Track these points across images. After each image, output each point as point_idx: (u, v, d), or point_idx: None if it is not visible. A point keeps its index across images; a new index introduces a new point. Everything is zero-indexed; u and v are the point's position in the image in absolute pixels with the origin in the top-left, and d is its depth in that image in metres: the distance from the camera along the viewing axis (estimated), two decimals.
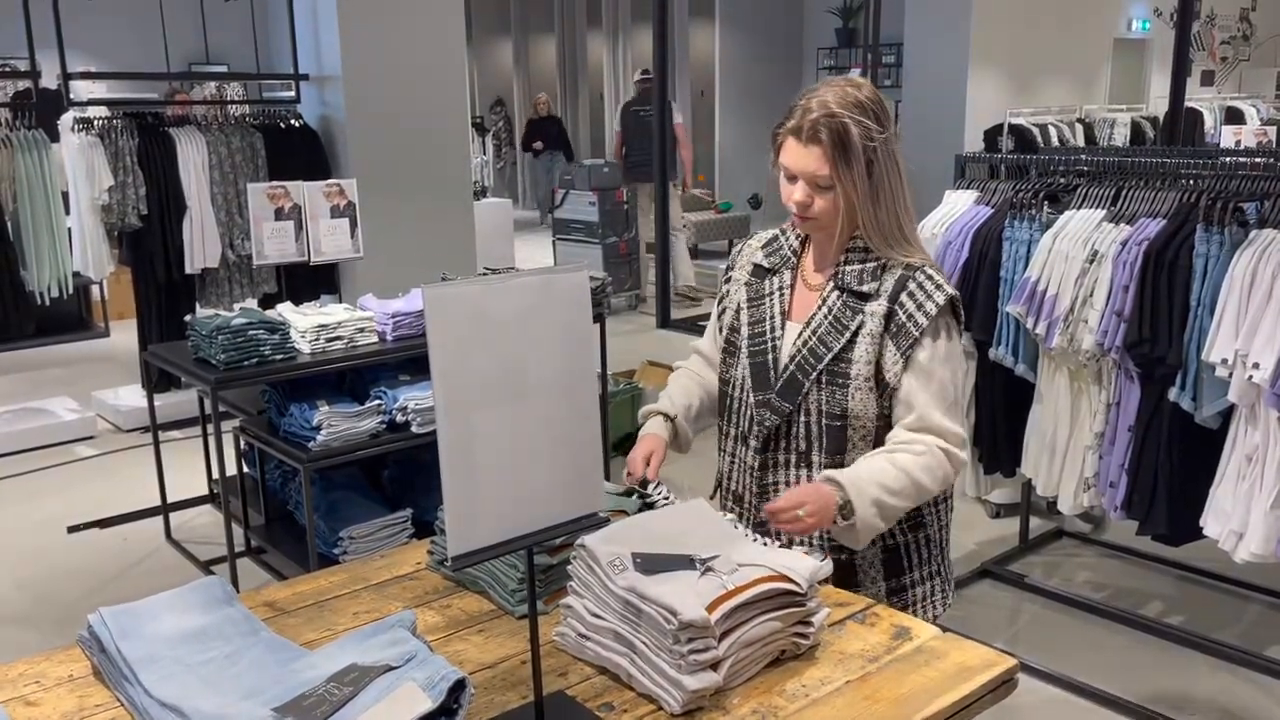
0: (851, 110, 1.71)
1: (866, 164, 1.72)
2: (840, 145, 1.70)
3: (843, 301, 1.78)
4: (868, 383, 1.75)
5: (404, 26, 5.52)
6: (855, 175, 1.72)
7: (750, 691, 1.38)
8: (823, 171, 1.72)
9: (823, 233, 1.82)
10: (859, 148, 1.71)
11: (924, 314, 1.73)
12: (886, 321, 1.75)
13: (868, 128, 1.71)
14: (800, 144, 1.74)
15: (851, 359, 1.75)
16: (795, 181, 1.77)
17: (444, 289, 1.20)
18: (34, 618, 3.64)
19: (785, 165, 1.78)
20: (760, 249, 1.94)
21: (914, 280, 1.75)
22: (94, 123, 5.03)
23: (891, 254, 1.78)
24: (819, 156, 1.72)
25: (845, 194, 1.73)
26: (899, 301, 1.75)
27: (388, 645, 1.34)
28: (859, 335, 1.75)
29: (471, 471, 1.22)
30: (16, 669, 1.48)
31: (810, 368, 1.78)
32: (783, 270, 1.89)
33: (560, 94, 14.79)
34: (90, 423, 5.53)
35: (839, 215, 1.76)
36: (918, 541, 1.87)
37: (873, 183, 1.73)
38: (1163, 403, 2.73)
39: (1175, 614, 3.49)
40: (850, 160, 1.71)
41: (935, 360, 1.74)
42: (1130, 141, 7.61)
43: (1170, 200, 2.80)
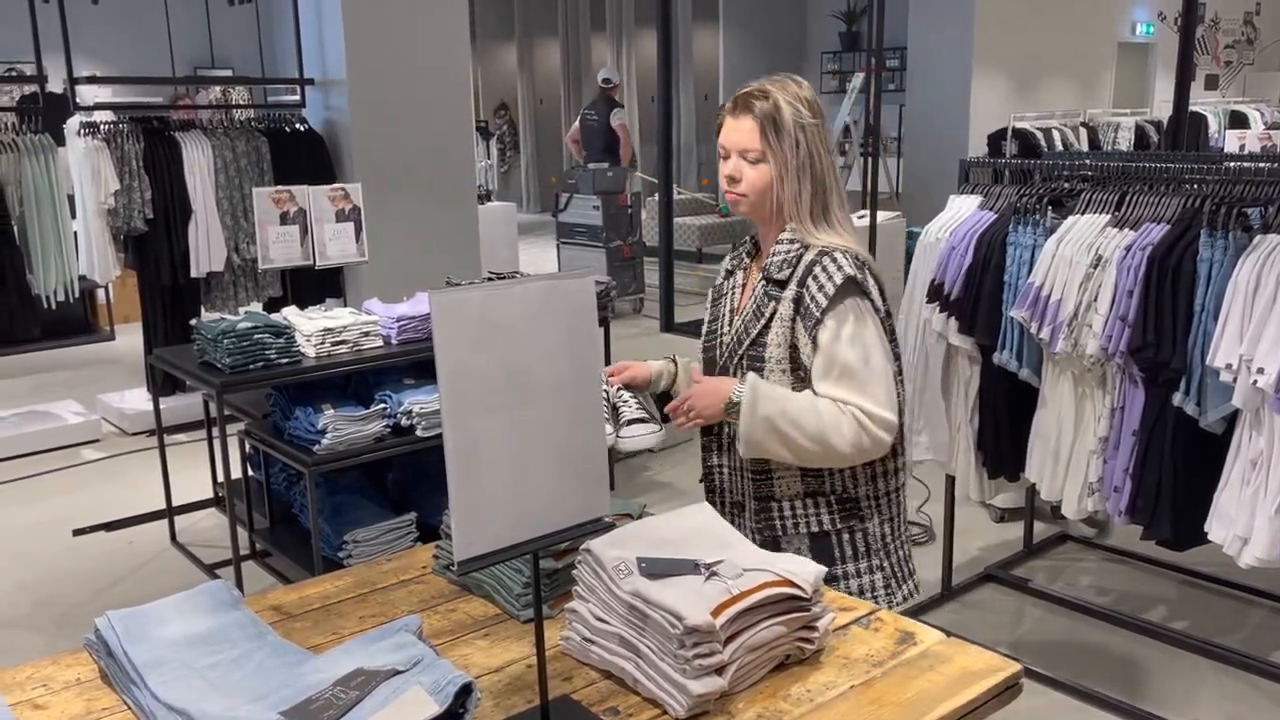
0: (785, 94, 1.82)
1: (794, 142, 1.80)
2: (770, 120, 1.80)
3: (765, 290, 1.85)
4: (780, 365, 1.82)
5: (408, 30, 5.53)
6: (785, 149, 1.80)
7: (755, 696, 1.38)
8: (753, 143, 1.81)
9: (756, 215, 1.88)
10: (789, 124, 1.79)
11: (824, 294, 1.77)
12: (796, 305, 1.81)
13: (799, 110, 1.80)
14: (733, 118, 1.84)
15: (766, 343, 1.83)
16: (729, 158, 1.86)
17: (450, 295, 1.21)
18: (39, 620, 3.65)
19: (721, 143, 1.87)
20: (731, 253, 2.04)
21: (819, 264, 1.80)
22: (100, 127, 5.05)
23: (815, 235, 1.83)
24: (749, 129, 1.81)
25: (775, 168, 1.81)
26: (805, 284, 1.80)
27: (394, 649, 1.34)
28: (773, 320, 1.83)
29: (477, 476, 1.22)
30: (24, 672, 1.49)
31: (734, 354, 1.88)
32: (739, 270, 1.98)
33: (564, 98, 14.80)
34: (95, 426, 5.55)
35: (767, 193, 1.82)
36: (851, 532, 1.89)
37: (799, 160, 1.80)
38: (1167, 407, 2.73)
39: (1179, 619, 3.49)
40: (780, 135, 1.80)
41: (839, 342, 1.77)
42: (1134, 146, 7.60)
43: (1174, 205, 2.80)
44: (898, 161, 10.90)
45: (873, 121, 7.11)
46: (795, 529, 1.87)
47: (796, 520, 1.88)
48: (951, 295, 3.15)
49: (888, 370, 1.80)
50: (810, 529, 1.87)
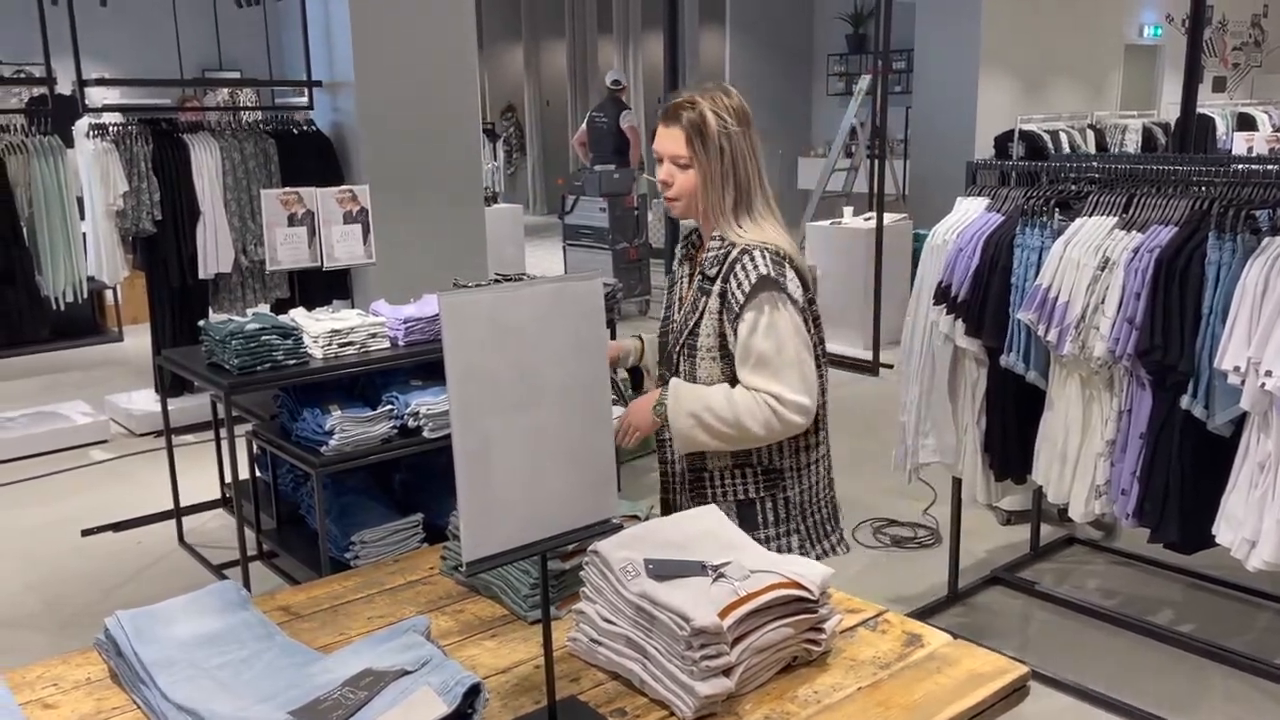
0: (711, 104, 1.96)
1: (719, 150, 1.95)
2: (696, 129, 1.95)
3: (700, 284, 2.02)
4: (711, 353, 2.00)
5: (416, 33, 5.54)
6: (709, 157, 1.96)
7: (762, 698, 1.38)
8: (681, 151, 1.97)
9: (690, 215, 2.05)
10: (714, 133, 1.95)
11: (742, 291, 1.93)
12: (721, 299, 1.98)
13: (724, 120, 1.95)
14: (665, 127, 1.99)
15: (699, 333, 2.01)
16: (661, 163, 2.02)
17: (460, 296, 1.21)
18: (47, 620, 3.66)
19: (654, 150, 2.03)
20: (683, 241, 2.18)
21: (740, 262, 1.95)
22: (109, 129, 5.07)
23: (740, 234, 1.98)
24: (678, 137, 1.97)
25: (701, 173, 1.97)
26: (728, 280, 1.96)
27: (402, 650, 1.35)
28: (704, 313, 2.00)
29: (486, 478, 1.22)
30: (34, 671, 1.49)
31: (679, 341, 2.05)
32: (686, 262, 2.14)
33: (570, 100, 14.82)
34: (103, 426, 5.57)
35: (696, 196, 1.99)
36: (774, 499, 2.06)
37: (723, 166, 1.96)
38: (1175, 410, 2.72)
39: (1186, 622, 3.48)
40: (706, 143, 1.95)
41: (755, 334, 1.93)
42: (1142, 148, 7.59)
43: (1182, 207, 2.80)
44: (904, 163, 10.89)
45: (879, 123, 7.11)
46: (724, 497, 2.05)
47: (725, 489, 2.05)
48: (959, 297, 3.14)
49: (802, 357, 1.95)
50: (737, 497, 2.05)
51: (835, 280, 7.15)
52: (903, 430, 3.39)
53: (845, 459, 5.12)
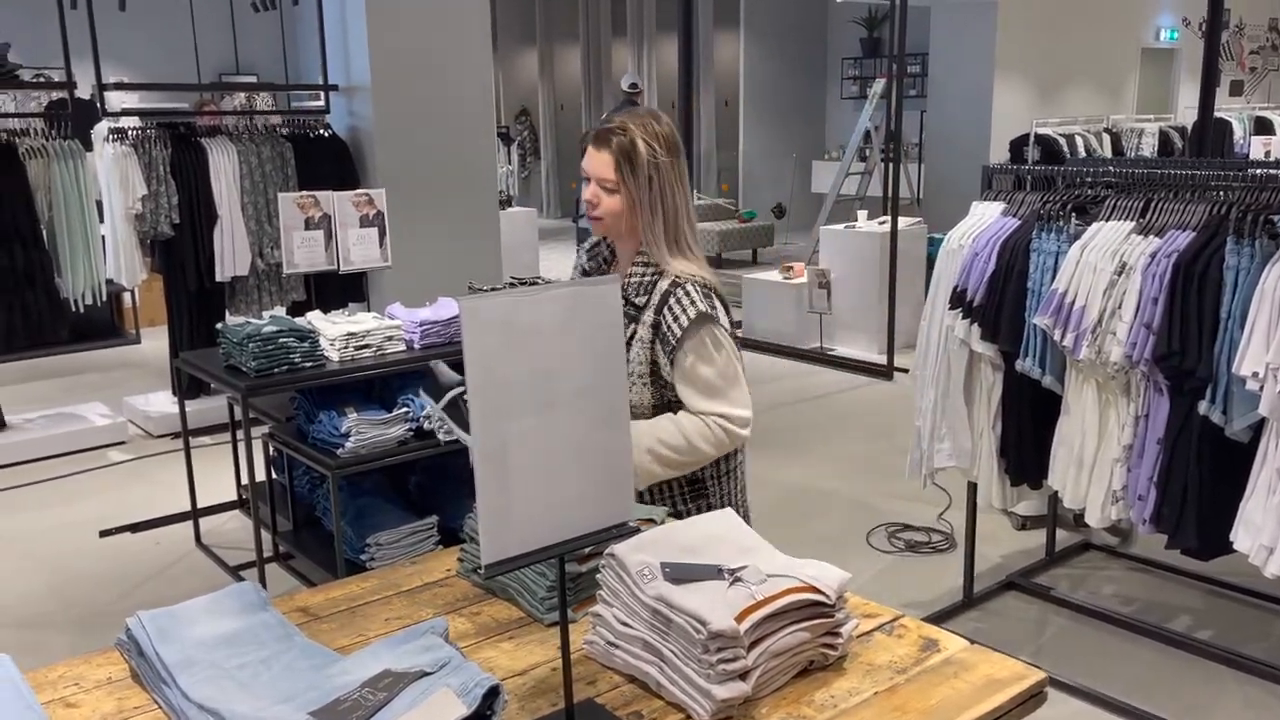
0: (643, 132, 2.00)
1: (648, 178, 2.00)
2: (626, 155, 1.99)
3: (624, 309, 1.99)
4: (642, 379, 2.05)
5: (432, 37, 5.57)
6: (638, 183, 2.00)
7: (779, 702, 1.38)
8: (609, 175, 2.01)
9: (613, 235, 2.10)
10: (644, 161, 1.99)
11: (679, 325, 2.00)
12: (655, 330, 2.03)
13: (654, 149, 2.00)
14: (595, 150, 2.02)
15: (629, 359, 2.04)
16: (589, 183, 2.04)
17: (479, 300, 1.22)
18: (67, 620, 3.69)
19: (583, 168, 2.06)
20: (586, 252, 2.21)
21: (674, 296, 2.02)
22: (128, 133, 5.11)
23: (669, 262, 2.04)
24: (607, 161, 2.00)
25: (628, 198, 2.01)
26: (662, 312, 2.02)
27: (421, 651, 1.35)
28: (633, 340, 2.04)
29: (504, 480, 1.23)
30: (56, 671, 1.51)
31: None
32: (598, 275, 2.16)
33: (584, 103, 14.84)
34: (122, 428, 5.61)
35: (622, 218, 2.03)
36: (699, 508, 2.11)
37: (652, 195, 2.01)
38: (1192, 416, 2.71)
39: (1204, 628, 3.46)
40: (635, 170, 1.99)
41: (699, 362, 2.02)
42: (1158, 152, 7.56)
43: (1200, 212, 2.79)
44: (918, 167, 10.88)
45: (894, 127, 7.10)
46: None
47: (653, 503, 2.09)
48: (974, 302, 3.14)
49: (739, 374, 2.06)
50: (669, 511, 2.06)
51: (849, 284, 7.15)
52: (918, 435, 3.38)
53: (859, 463, 5.13)
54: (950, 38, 10.32)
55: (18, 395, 6.01)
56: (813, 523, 4.46)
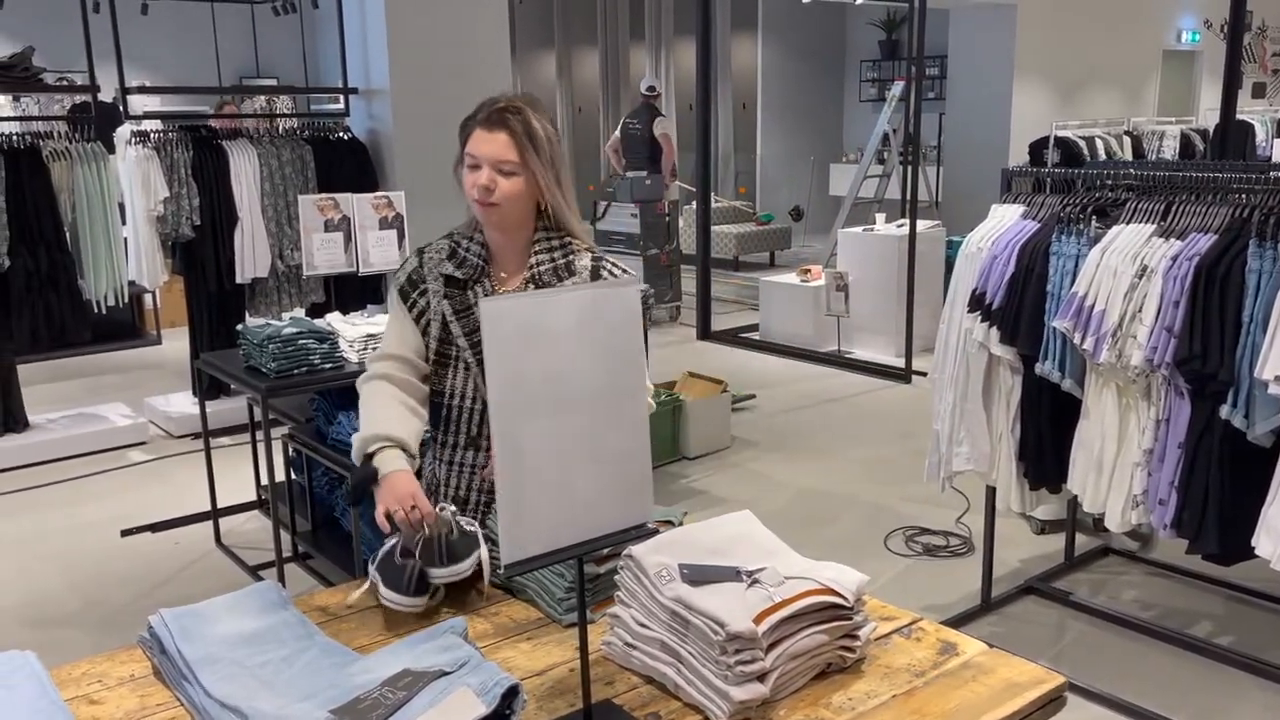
0: (532, 108, 1.95)
1: (549, 156, 1.94)
2: (526, 133, 1.91)
3: None
4: None
5: (451, 40, 5.59)
6: (542, 161, 1.92)
7: (796, 704, 1.38)
8: (509, 155, 1.90)
9: (504, 224, 1.97)
10: (542, 138, 1.92)
11: None
12: None
13: (546, 127, 1.95)
14: (488, 132, 1.92)
15: None
16: (480, 169, 1.92)
17: (500, 302, 1.23)
18: (89, 619, 3.72)
19: (472, 154, 1.93)
20: (447, 260, 2.03)
21: (604, 269, 2.02)
22: (150, 135, 5.16)
23: (576, 240, 2.02)
24: (505, 142, 1.91)
25: (531, 178, 1.93)
26: None
27: (440, 651, 1.36)
28: None
29: (524, 481, 1.24)
30: (80, 668, 1.52)
31: None
32: (481, 279, 2.02)
33: (602, 106, 14.86)
34: (143, 428, 5.65)
35: (519, 203, 1.94)
36: None
37: (554, 172, 1.95)
38: (1214, 420, 2.69)
39: (1224, 634, 3.43)
40: (538, 148, 1.92)
41: None
42: (1179, 155, 7.50)
43: (1222, 215, 2.77)
44: (937, 170, 10.84)
45: (912, 130, 7.08)
46: None
47: None
48: (993, 305, 3.13)
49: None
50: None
51: (867, 287, 7.13)
52: (936, 438, 3.37)
53: (877, 466, 5.12)
54: (969, 40, 10.29)
55: (41, 396, 6.06)
56: (830, 526, 4.45)
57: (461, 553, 1.71)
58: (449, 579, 1.70)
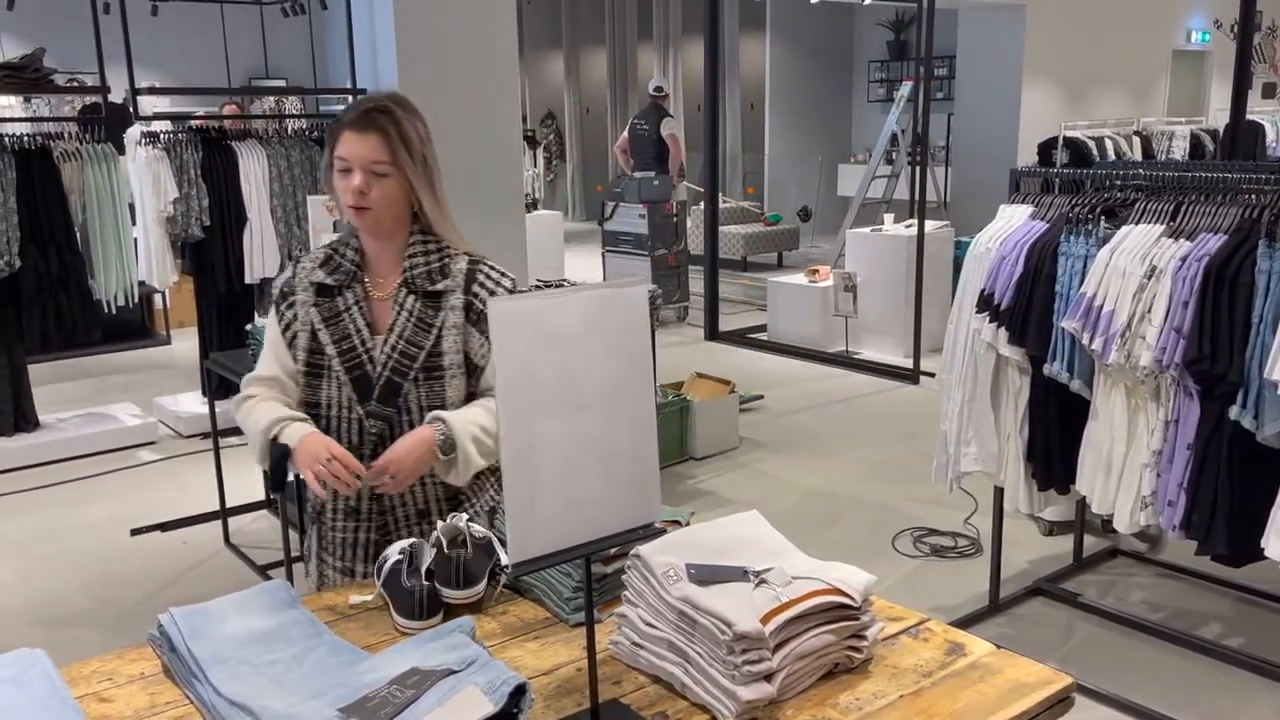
0: (402, 107, 1.90)
1: (422, 156, 1.89)
2: (398, 134, 1.86)
3: (421, 302, 1.92)
4: (460, 370, 1.93)
5: (459, 41, 5.60)
6: (415, 162, 1.88)
7: (803, 704, 1.38)
8: (381, 157, 1.85)
9: (379, 228, 1.92)
10: (414, 138, 1.88)
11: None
12: (467, 311, 1.93)
13: (418, 126, 1.90)
14: (358, 134, 1.86)
15: (442, 352, 1.91)
16: (351, 173, 1.86)
17: (509, 303, 1.23)
18: (98, 618, 3.74)
19: (342, 157, 1.87)
20: (319, 269, 1.97)
21: (481, 271, 1.97)
22: (160, 136, 5.18)
23: (452, 242, 1.96)
24: (377, 144, 1.85)
25: (404, 181, 1.88)
26: (473, 292, 1.94)
27: (448, 650, 1.37)
28: (444, 330, 1.91)
29: (532, 481, 1.24)
30: (90, 666, 1.53)
31: (406, 369, 1.90)
32: (352, 285, 1.95)
33: (610, 107, 14.87)
34: (152, 428, 5.67)
35: (395, 205, 1.89)
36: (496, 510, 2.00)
37: (428, 172, 1.91)
38: (1223, 421, 2.68)
39: (1234, 636, 3.42)
40: (409, 148, 1.87)
41: None
42: (1189, 155, 7.48)
43: (1231, 216, 2.76)
44: (945, 170, 10.82)
45: (920, 130, 7.07)
46: (477, 512, 1.97)
47: (474, 504, 2.00)
48: (1002, 305, 3.12)
49: None
50: (487, 506, 2.00)
51: (875, 288, 7.12)
52: (944, 439, 3.37)
53: (884, 467, 5.12)
54: (978, 40, 10.26)
55: (51, 395, 6.09)
56: (838, 526, 4.45)
57: (477, 573, 1.68)
58: (464, 601, 1.66)
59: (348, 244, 1.98)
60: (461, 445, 1.83)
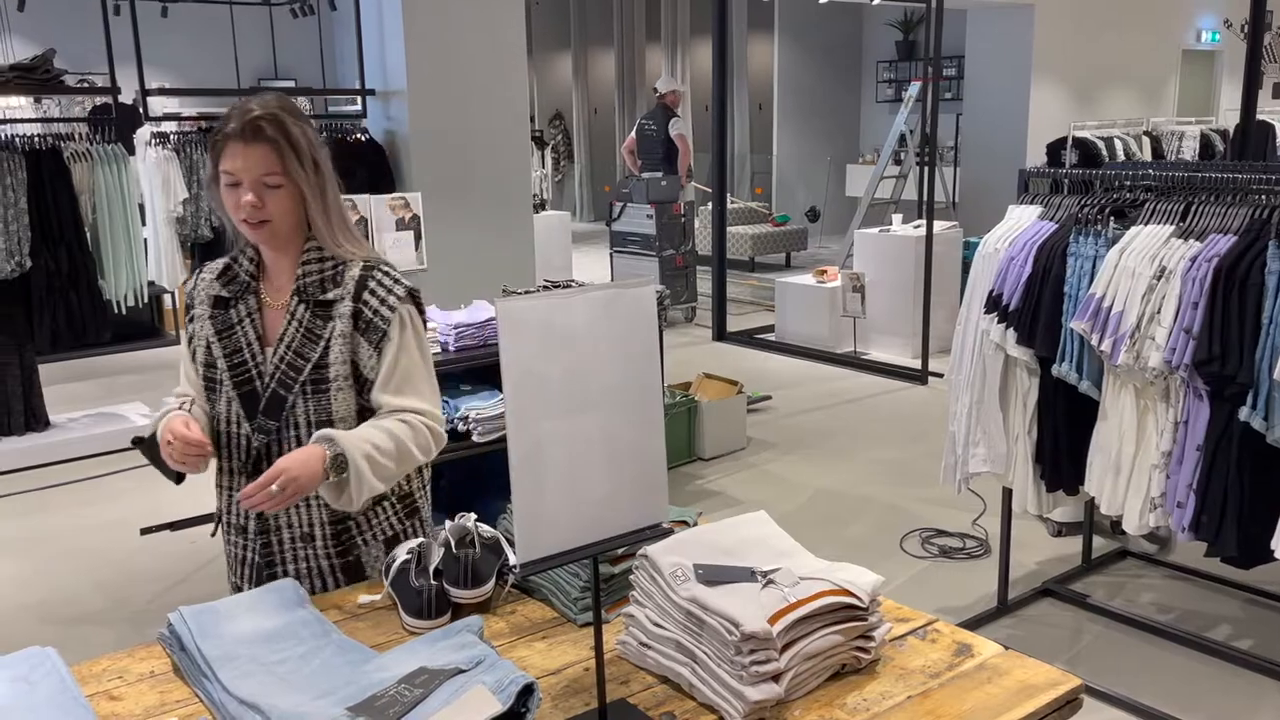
0: (289, 113, 1.80)
1: (313, 162, 1.80)
2: (288, 142, 1.77)
3: (311, 312, 1.84)
4: (347, 381, 1.83)
5: (467, 42, 5.61)
6: (305, 169, 1.79)
7: (811, 704, 1.38)
8: (272, 169, 1.76)
9: (276, 241, 1.84)
10: (304, 144, 1.79)
11: (388, 308, 1.83)
12: (355, 320, 1.83)
13: (306, 130, 1.81)
14: (246, 145, 1.75)
15: (329, 363, 1.82)
16: (240, 187, 1.77)
17: (516, 303, 1.23)
18: (108, 616, 3.75)
19: (229, 171, 1.77)
20: (216, 280, 1.91)
21: (373, 279, 1.85)
22: (170, 137, 5.20)
23: (346, 249, 1.86)
24: (265, 155, 1.76)
25: (297, 191, 1.79)
26: (363, 300, 1.83)
27: (456, 649, 1.37)
28: (332, 340, 1.82)
29: (540, 481, 1.25)
30: (100, 664, 1.54)
31: (291, 381, 1.82)
32: (246, 297, 1.88)
33: (618, 107, 14.88)
34: None
35: (290, 215, 1.80)
36: (413, 525, 1.98)
37: (320, 179, 1.82)
38: (1233, 422, 2.67)
39: (1243, 638, 3.41)
40: (300, 156, 1.78)
41: (403, 350, 1.83)
42: (1199, 155, 7.45)
43: (1241, 216, 2.75)
44: (954, 171, 10.80)
45: (929, 130, 7.06)
46: (373, 538, 1.92)
47: (372, 529, 1.92)
48: (1010, 306, 3.12)
49: (433, 370, 1.90)
50: (385, 533, 1.93)
51: (883, 288, 7.11)
52: (952, 440, 3.36)
53: (892, 468, 5.11)
54: (987, 40, 10.24)
55: (61, 395, 6.11)
56: (846, 527, 4.45)
57: (485, 573, 1.69)
58: (472, 600, 1.66)
59: (245, 253, 1.90)
60: (355, 464, 1.70)
